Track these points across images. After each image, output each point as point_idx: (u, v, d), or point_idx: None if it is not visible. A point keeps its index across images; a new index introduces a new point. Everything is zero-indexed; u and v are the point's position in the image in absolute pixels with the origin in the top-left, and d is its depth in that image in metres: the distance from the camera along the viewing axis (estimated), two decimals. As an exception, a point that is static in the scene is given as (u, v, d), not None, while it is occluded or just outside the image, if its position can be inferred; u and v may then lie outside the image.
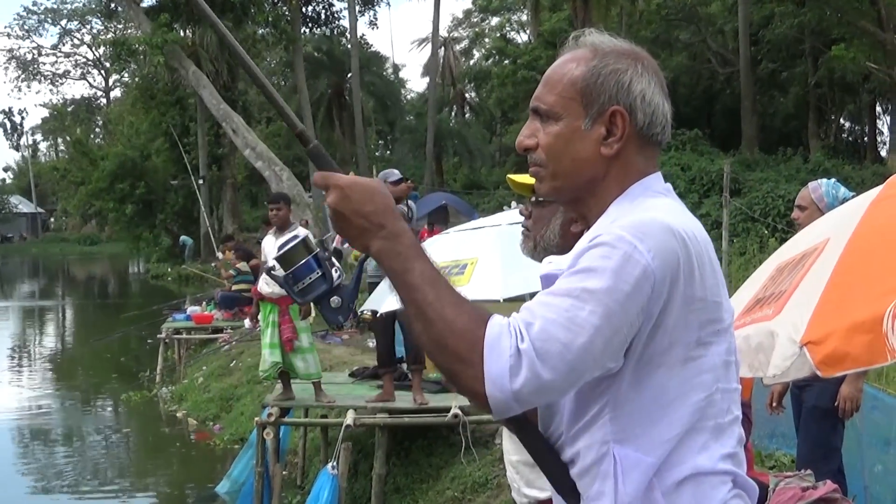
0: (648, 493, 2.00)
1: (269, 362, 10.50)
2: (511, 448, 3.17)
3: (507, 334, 1.87)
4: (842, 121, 44.56)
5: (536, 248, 3.09)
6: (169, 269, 42.95)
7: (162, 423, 17.10)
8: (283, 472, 11.62)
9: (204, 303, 22.38)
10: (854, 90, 38.40)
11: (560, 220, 3.04)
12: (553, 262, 2.14)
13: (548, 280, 2.07)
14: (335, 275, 2.18)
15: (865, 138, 43.83)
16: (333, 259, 2.21)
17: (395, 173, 11.38)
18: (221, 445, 14.70)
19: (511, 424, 2.16)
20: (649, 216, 2.00)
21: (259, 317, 10.98)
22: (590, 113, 2.13)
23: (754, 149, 35.08)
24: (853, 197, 5.33)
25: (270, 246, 10.48)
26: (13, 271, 67.23)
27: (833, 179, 6.58)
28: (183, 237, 43.41)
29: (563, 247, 2.85)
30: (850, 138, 45.46)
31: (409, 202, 10.45)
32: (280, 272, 2.21)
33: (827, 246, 3.83)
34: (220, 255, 25.95)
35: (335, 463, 9.76)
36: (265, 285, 10.49)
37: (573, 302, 1.89)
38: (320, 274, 2.17)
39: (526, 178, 3.08)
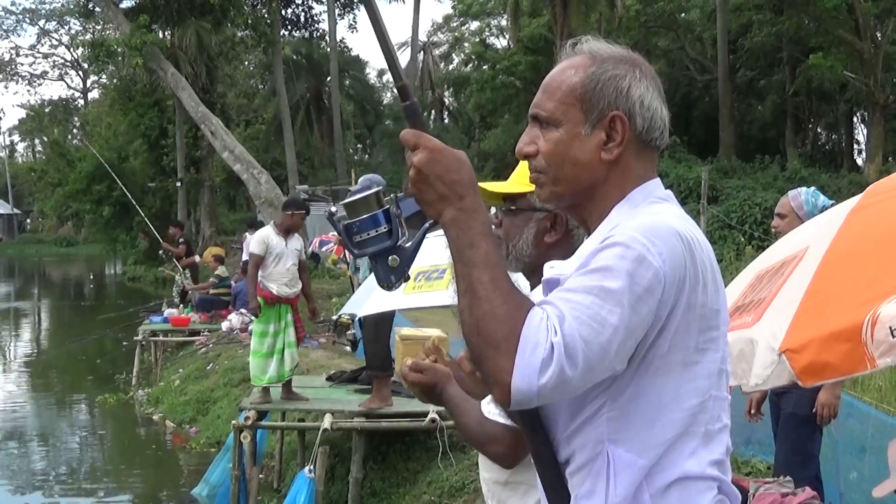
0: (637, 495, 2.02)
1: (275, 374, 10.54)
2: (483, 465, 3.13)
3: (544, 329, 1.87)
4: (819, 129, 44.76)
5: (508, 257, 3.05)
6: (145, 272, 42.78)
7: (138, 426, 17.04)
8: (260, 476, 11.60)
9: (181, 305, 22.33)
10: (831, 99, 38.62)
11: (534, 229, 2.99)
12: (555, 267, 2.14)
13: (549, 285, 2.08)
14: (399, 234, 2.13)
15: (843, 146, 44.04)
16: (402, 220, 2.15)
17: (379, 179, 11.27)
18: (198, 448, 14.65)
19: (524, 419, 2.15)
20: (659, 219, 2.03)
21: (261, 320, 10.80)
22: (590, 119, 2.16)
23: (732, 156, 35.21)
24: (832, 205, 5.37)
25: (279, 245, 10.56)
26: (-13, 272, 66.87)
27: (813, 188, 6.62)
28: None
29: (537, 257, 2.84)
30: (828, 147, 45.68)
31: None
32: (344, 219, 2.16)
33: (806, 254, 3.86)
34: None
35: (312, 466, 9.76)
36: (285, 287, 10.54)
37: (594, 300, 1.90)
38: (386, 230, 2.12)
39: (496, 186, 3.05)
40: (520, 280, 2.88)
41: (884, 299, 3.21)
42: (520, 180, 2.86)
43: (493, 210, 3.16)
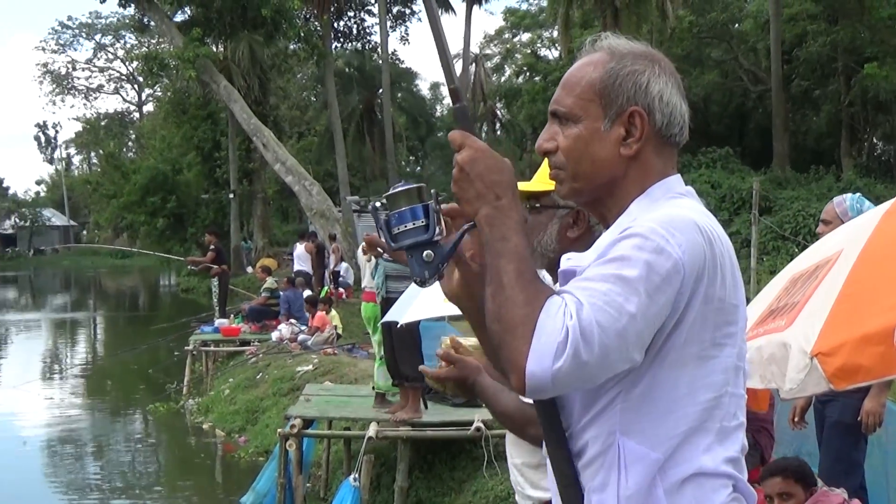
0: (651, 489, 2.01)
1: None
2: (514, 451, 3.17)
3: (561, 315, 1.88)
4: (875, 140, 44.20)
5: (533, 254, 3.08)
6: (198, 282, 43.12)
7: (188, 435, 17.17)
8: (307, 485, 11.64)
9: (232, 315, 22.48)
10: (887, 109, 38.11)
11: (557, 225, 3.04)
12: (572, 259, 2.15)
13: (566, 276, 2.10)
14: (436, 230, 2.13)
15: (898, 157, 43.51)
16: (442, 217, 2.16)
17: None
18: (246, 457, 14.72)
19: (541, 405, 2.15)
20: (679, 213, 2.03)
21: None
22: (608, 114, 2.16)
23: (786, 167, 34.95)
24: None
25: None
26: (45, 283, 67.70)
27: (858, 194, 6.54)
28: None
29: (560, 252, 2.85)
30: (884, 157, 45.11)
31: None
32: (383, 211, 2.18)
33: (840, 257, 3.82)
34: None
35: (357, 475, 9.77)
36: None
37: (611, 287, 1.90)
38: (424, 224, 2.13)
39: (520, 185, 3.08)
40: (546, 277, 2.90)
41: (917, 302, 3.17)
42: (543, 179, 2.89)
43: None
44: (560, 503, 2.17)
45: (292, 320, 19.48)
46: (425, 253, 2.12)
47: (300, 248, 25.98)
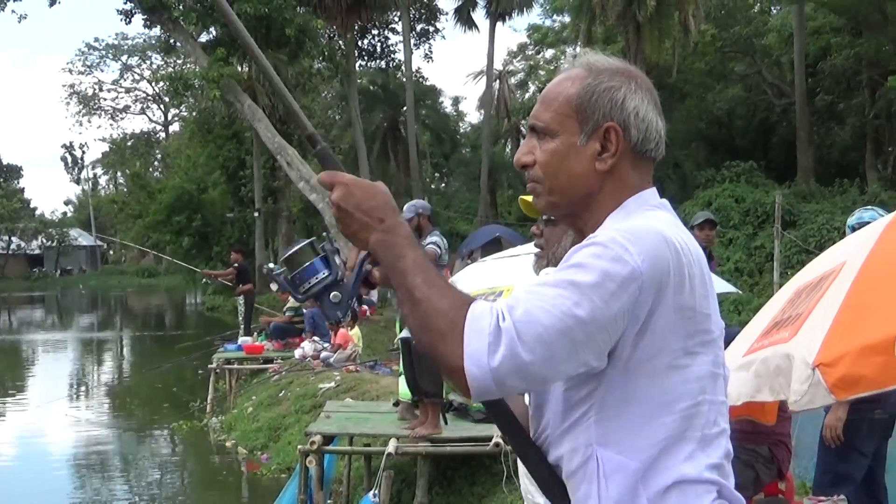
0: (634, 499, 2.02)
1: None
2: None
3: (488, 314, 1.91)
4: (900, 152, 44.08)
5: (549, 265, 3.12)
6: (224, 301, 43.26)
7: (212, 452, 17.21)
8: (328, 501, 11.64)
9: (255, 333, 22.55)
10: (912, 121, 38.03)
11: (571, 237, 3.06)
12: (550, 274, 2.15)
13: None
14: (337, 271, 2.23)
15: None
16: (337, 256, 2.25)
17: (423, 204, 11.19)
18: (268, 475, 14.75)
19: (492, 410, 2.21)
20: (644, 223, 2.06)
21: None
22: (585, 129, 2.18)
23: (810, 180, 34.85)
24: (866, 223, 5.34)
25: None
26: (72, 303, 68.14)
27: (864, 207, 6.60)
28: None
29: None
30: (909, 170, 44.94)
31: (434, 237, 10.37)
32: (282, 273, 2.27)
33: (843, 269, 3.82)
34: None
35: (377, 491, 9.77)
36: None
37: (560, 292, 1.93)
38: (326, 273, 2.22)
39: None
40: None
41: (918, 312, 3.17)
42: None
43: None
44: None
45: (315, 337, 19.52)
46: (332, 294, 2.22)
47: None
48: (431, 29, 51.71)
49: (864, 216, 6.61)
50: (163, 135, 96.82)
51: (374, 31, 48.38)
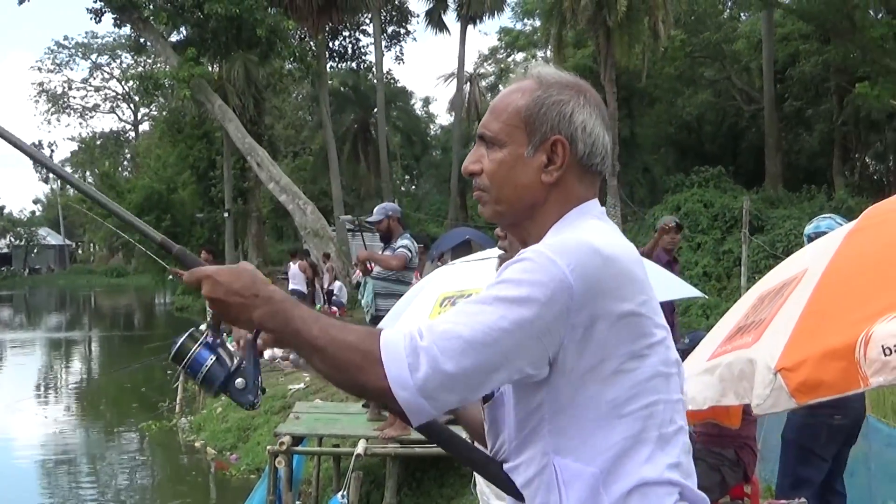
0: None
1: None
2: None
3: (402, 338, 1.97)
4: (867, 159, 44.36)
5: None
6: (193, 301, 43.09)
7: (181, 452, 17.19)
8: (297, 502, 11.65)
9: (224, 334, 22.46)
10: (879, 128, 38.23)
11: None
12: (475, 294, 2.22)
13: None
14: (231, 358, 2.24)
15: (890, 176, 43.60)
16: (227, 345, 2.26)
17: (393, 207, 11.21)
18: (238, 475, 14.76)
19: (427, 434, 2.26)
20: (573, 236, 2.10)
21: None
22: (532, 141, 2.23)
23: (778, 186, 34.99)
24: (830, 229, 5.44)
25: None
26: (40, 303, 67.70)
27: (821, 216, 6.73)
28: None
29: None
30: (875, 176, 45.24)
31: (405, 241, 10.41)
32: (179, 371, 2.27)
33: (805, 275, 3.90)
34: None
35: (346, 492, 9.80)
36: None
37: (482, 307, 1.98)
38: (215, 359, 2.21)
39: None
40: None
41: (877, 318, 3.24)
42: None
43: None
44: None
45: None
46: (237, 382, 2.22)
47: (294, 268, 26.04)
48: (402, 31, 51.69)
49: (822, 225, 6.73)
50: (132, 134, 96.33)
51: (346, 33, 48.29)
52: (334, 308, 25.62)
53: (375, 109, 49.24)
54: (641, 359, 2.08)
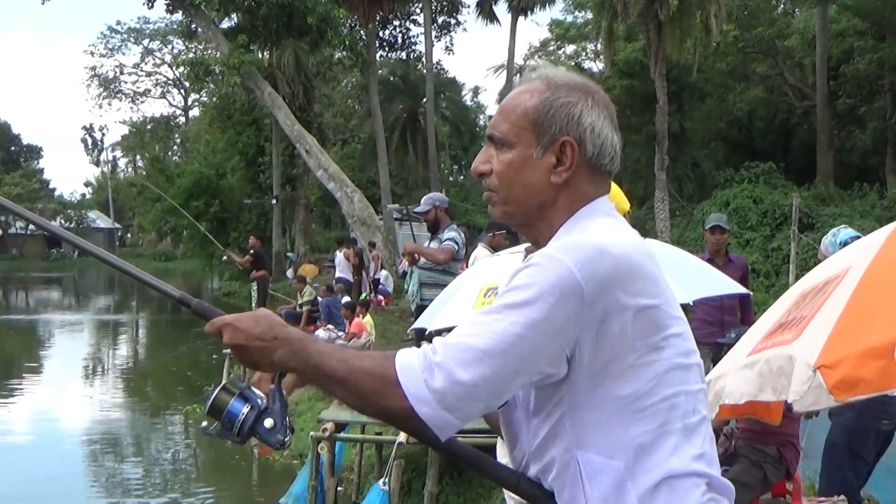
0: (622, 498, 2.09)
1: None
2: (501, 451, 3.27)
3: (416, 357, 2.04)
4: (921, 157, 43.90)
5: None
6: (240, 287, 43.38)
7: (225, 437, 17.30)
8: (339, 488, 11.72)
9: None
10: (934, 127, 37.88)
11: None
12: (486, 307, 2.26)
13: None
14: (259, 401, 2.29)
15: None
16: (252, 388, 2.32)
17: (441, 197, 11.18)
18: (281, 460, 14.86)
19: (459, 456, 2.33)
20: (581, 237, 2.14)
21: None
22: (541, 142, 2.26)
23: (829, 184, 34.73)
24: (855, 238, 5.41)
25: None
26: (89, 285, 68.42)
27: (835, 228, 6.69)
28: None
29: None
30: (929, 175, 44.74)
31: (451, 233, 10.46)
32: (215, 427, 2.32)
33: (847, 274, 3.90)
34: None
35: (387, 479, 9.85)
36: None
37: (493, 316, 2.04)
38: (250, 408, 2.27)
39: None
40: None
41: (918, 318, 3.25)
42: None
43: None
44: None
45: (330, 326, 19.64)
46: (265, 423, 2.28)
47: (339, 256, 26.17)
48: (453, 21, 51.58)
49: (842, 235, 6.67)
50: (182, 119, 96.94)
51: (396, 23, 48.35)
52: (379, 297, 25.73)
53: (424, 99, 49.23)
54: (659, 351, 2.11)
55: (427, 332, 8.30)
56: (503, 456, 3.31)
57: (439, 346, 2.04)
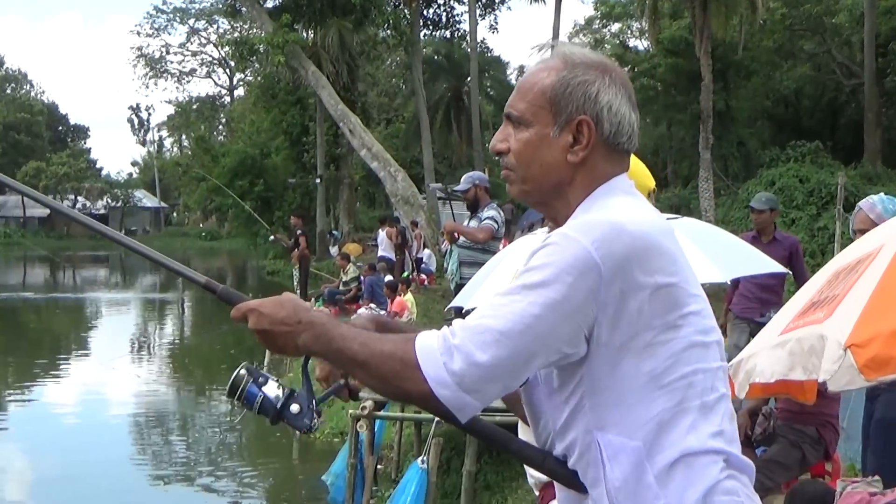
0: (641, 477, 2.09)
1: None
2: (522, 431, 3.26)
3: (435, 339, 2.04)
4: (970, 136, 43.34)
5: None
6: (284, 266, 43.62)
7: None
8: (378, 466, 11.76)
9: (312, 299, 22.76)
10: (983, 105, 37.40)
11: None
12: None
13: None
14: (279, 388, 2.33)
15: None
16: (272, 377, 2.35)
17: (481, 176, 11.18)
18: (322, 438, 14.92)
19: (484, 436, 2.33)
20: (598, 216, 2.13)
21: None
22: (558, 121, 2.25)
23: (877, 163, 34.37)
24: None
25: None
26: (136, 264, 68.86)
27: (881, 194, 6.53)
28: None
29: None
30: (978, 154, 44.17)
31: (491, 212, 10.46)
32: (238, 406, 2.36)
33: (881, 252, 3.85)
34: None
35: (426, 457, 9.87)
36: None
37: (511, 297, 2.04)
38: (263, 397, 2.32)
39: None
40: None
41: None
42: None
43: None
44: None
45: (372, 304, 19.71)
46: (292, 407, 2.31)
47: (382, 234, 26.23)
48: (497, 0, 51.41)
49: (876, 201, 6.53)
50: (227, 99, 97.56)
51: (440, 1, 48.25)
52: (422, 276, 25.79)
53: (468, 78, 49.14)
54: (676, 329, 2.10)
55: (464, 311, 8.32)
56: (525, 433, 3.31)
57: (458, 328, 2.04)
